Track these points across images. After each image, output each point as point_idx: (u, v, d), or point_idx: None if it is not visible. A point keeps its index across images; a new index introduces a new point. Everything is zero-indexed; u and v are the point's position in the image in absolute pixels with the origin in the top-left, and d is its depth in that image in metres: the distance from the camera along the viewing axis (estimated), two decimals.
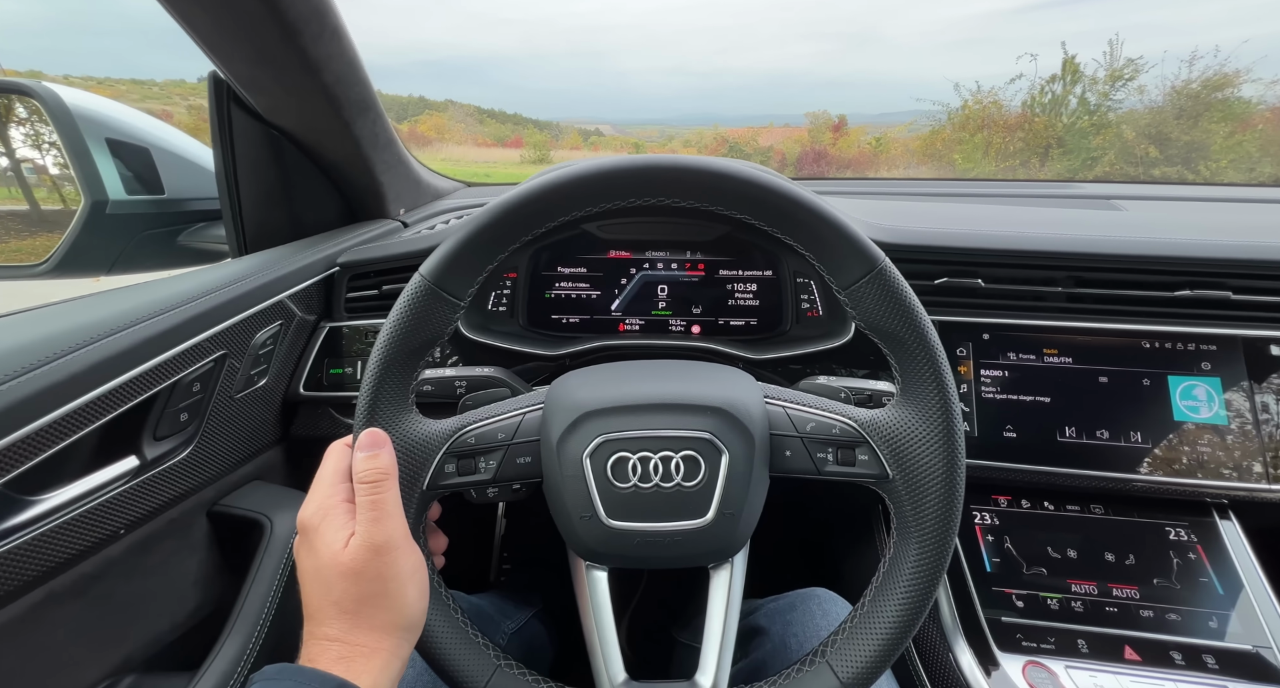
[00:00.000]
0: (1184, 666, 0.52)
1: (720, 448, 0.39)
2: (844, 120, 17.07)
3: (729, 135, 19.36)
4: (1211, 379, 0.60)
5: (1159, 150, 8.64)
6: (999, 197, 0.90)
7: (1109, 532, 0.61)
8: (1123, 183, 1.02)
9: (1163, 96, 8.85)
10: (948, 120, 10.84)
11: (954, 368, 0.64)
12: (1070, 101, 9.93)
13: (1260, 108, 8.46)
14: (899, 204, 0.82)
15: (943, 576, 0.38)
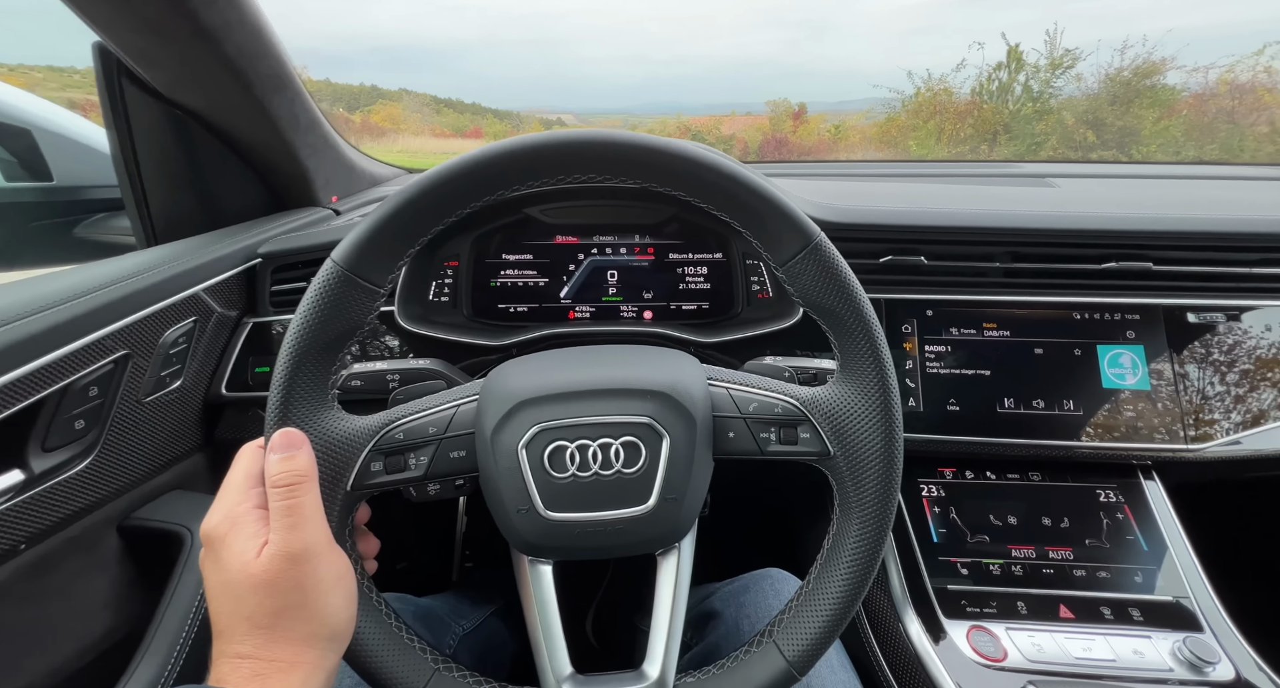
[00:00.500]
0: (1113, 620, 0.55)
1: (661, 432, 0.38)
2: (804, 108, 17.27)
3: (692, 124, 19.29)
4: (1136, 347, 0.63)
5: (1096, 135, 9.10)
6: (941, 177, 0.91)
7: (1046, 497, 0.63)
8: (1058, 163, 1.05)
9: (1098, 84, 9.32)
10: (902, 108, 11.12)
11: (899, 344, 0.66)
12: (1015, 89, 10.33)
13: (1184, 94, 9.00)
14: (846, 184, 0.83)
15: (883, 549, 0.38)
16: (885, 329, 0.67)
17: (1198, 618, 0.55)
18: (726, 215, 0.39)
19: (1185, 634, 0.53)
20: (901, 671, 0.55)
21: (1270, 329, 0.64)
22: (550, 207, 0.68)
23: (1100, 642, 0.53)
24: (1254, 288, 0.64)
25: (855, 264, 0.67)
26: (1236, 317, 0.63)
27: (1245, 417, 0.62)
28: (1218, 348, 0.63)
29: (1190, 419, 0.62)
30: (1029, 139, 9.77)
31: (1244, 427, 0.62)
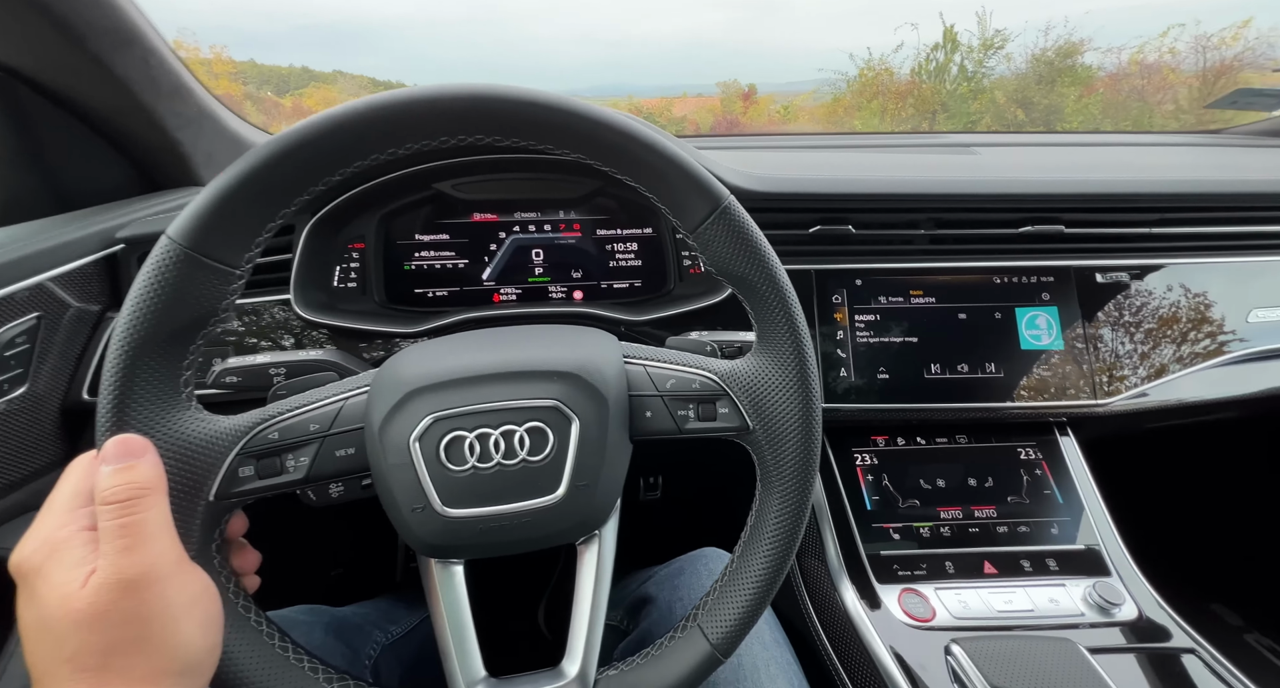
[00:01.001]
0: (1032, 572, 0.57)
1: (569, 416, 0.35)
2: (754, 89, 17.33)
3: (644, 106, 19.01)
4: (1050, 308, 0.65)
5: (1025, 113, 9.56)
6: (870, 147, 0.91)
7: (972, 459, 0.65)
8: (980, 133, 1.07)
9: (1026, 64, 9.75)
10: (847, 88, 11.33)
11: (831, 315, 0.65)
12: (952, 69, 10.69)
13: (1100, 74, 9.56)
14: (776, 155, 0.82)
15: (804, 522, 0.37)
16: (816, 300, 0.68)
17: (1106, 564, 0.58)
18: (630, 178, 0.37)
19: (1095, 579, 0.56)
20: (837, 638, 0.55)
21: (1171, 287, 0.67)
22: (462, 182, 0.63)
23: (1020, 594, 0.55)
24: (1154, 248, 0.67)
25: (786, 235, 0.68)
26: (1139, 276, 0.66)
27: (1149, 371, 0.66)
28: (1123, 306, 0.66)
29: (1101, 376, 0.65)
30: (965, 118, 10.18)
31: (1148, 380, 0.65)
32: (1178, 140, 0.99)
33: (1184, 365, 0.65)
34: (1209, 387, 0.67)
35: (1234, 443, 1.06)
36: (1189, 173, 0.68)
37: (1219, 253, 0.68)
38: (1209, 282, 0.67)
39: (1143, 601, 0.54)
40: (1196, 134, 1.06)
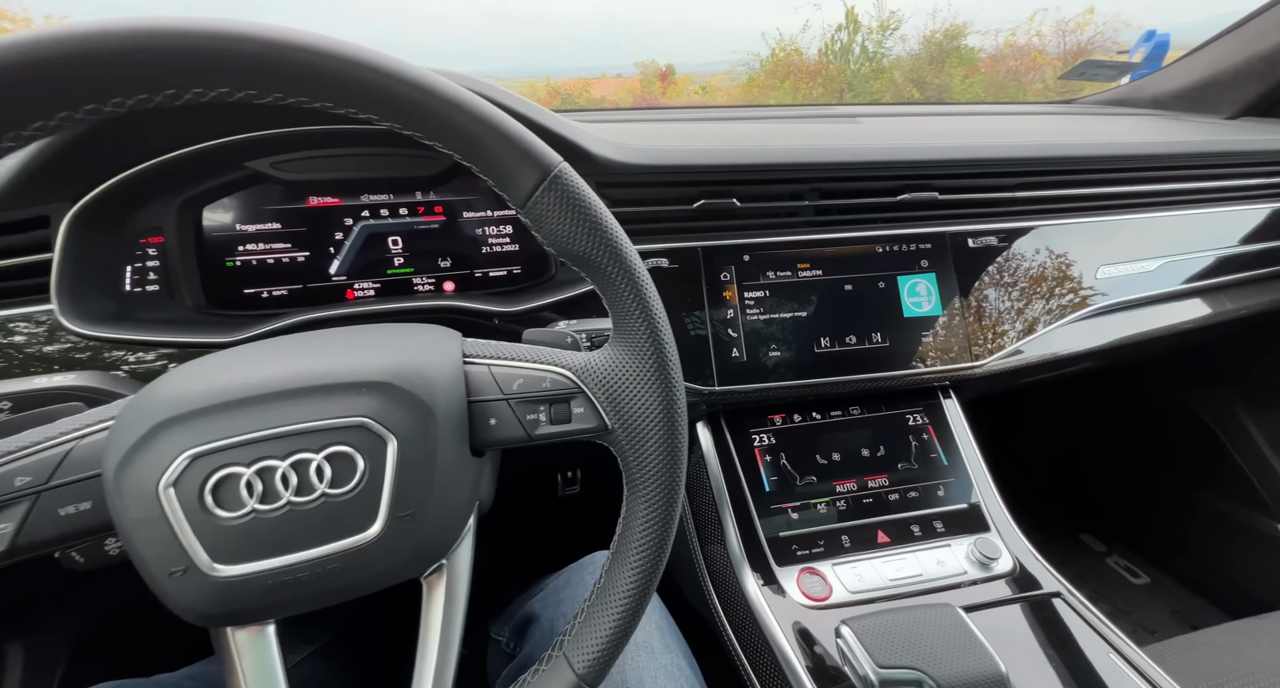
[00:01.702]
0: (921, 536, 0.58)
1: (383, 435, 0.29)
2: (671, 69, 17.23)
3: (562, 87, 18.43)
4: (929, 275, 0.66)
5: (920, 92, 10.22)
6: (757, 119, 0.90)
7: (865, 429, 0.65)
8: (865, 105, 1.09)
9: (918, 45, 10.38)
10: (761, 68, 11.57)
11: (720, 293, 0.62)
12: (855, 50, 11.16)
13: (981, 55, 10.37)
14: (660, 127, 0.77)
15: (673, 530, 0.34)
16: (705, 278, 0.65)
17: (986, 520, 0.60)
18: (442, 145, 0.30)
19: (976, 536, 0.58)
20: (740, 625, 0.53)
21: (1034, 249, 0.71)
22: (284, 159, 0.53)
23: (911, 559, 0.56)
24: (1018, 211, 0.70)
25: (670, 211, 0.63)
26: (1006, 239, 0.68)
27: (1018, 330, 0.69)
28: (993, 270, 0.68)
29: (976, 338, 0.67)
30: (868, 97, 10.73)
31: (1018, 339, 0.68)
32: (1036, 110, 1.05)
33: (1048, 323, 0.69)
34: (1070, 341, 0.71)
35: (1094, 389, 1.18)
36: (1043, 138, 0.71)
37: (1071, 214, 0.72)
38: (1065, 242, 0.71)
39: (1018, 551, 0.57)
40: (1052, 104, 1.14)
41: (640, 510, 0.33)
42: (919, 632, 0.42)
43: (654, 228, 0.62)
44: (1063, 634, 0.49)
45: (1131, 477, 1.16)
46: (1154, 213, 0.75)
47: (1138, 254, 0.73)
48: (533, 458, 0.93)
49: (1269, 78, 0.86)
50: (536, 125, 0.52)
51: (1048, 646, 0.48)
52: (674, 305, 0.61)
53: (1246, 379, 0.97)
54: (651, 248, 0.61)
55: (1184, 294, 0.77)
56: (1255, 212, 0.80)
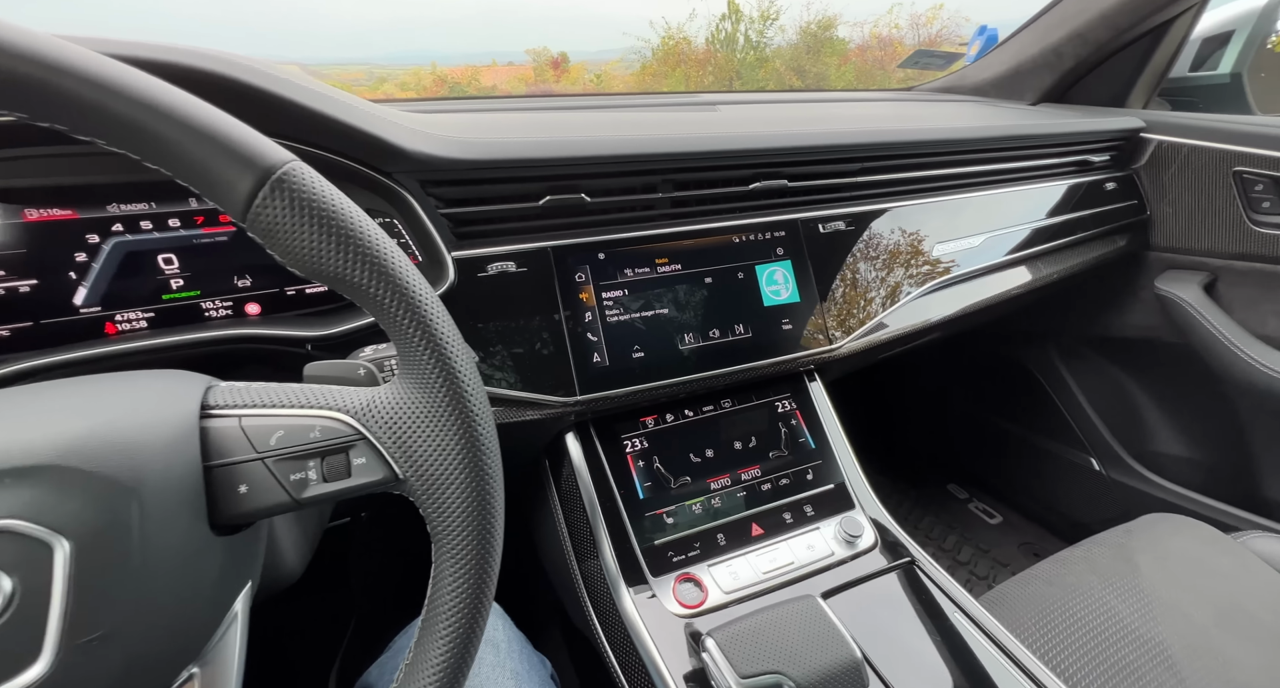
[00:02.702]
0: (793, 523, 0.59)
1: (46, 539, 0.22)
2: (565, 57, 16.83)
3: (449, 75, 17.43)
4: (784, 263, 0.66)
5: (800, 80, 10.83)
6: (613, 107, 0.86)
7: (737, 421, 0.65)
8: (723, 92, 1.09)
9: (796, 35, 11.00)
10: (653, 56, 11.63)
11: (576, 295, 0.58)
12: (739, 39, 11.57)
13: (851, 45, 11.19)
14: (501, 117, 0.71)
15: (491, 590, 0.29)
16: (559, 281, 0.60)
17: (851, 497, 0.62)
18: (133, 152, 0.23)
19: (842, 516, 0.60)
20: (618, 644, 0.51)
21: (881, 232, 0.74)
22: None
23: (783, 548, 0.56)
24: (862, 196, 0.73)
25: (514, 210, 0.58)
26: (853, 223, 0.71)
27: (871, 310, 0.72)
28: (844, 253, 0.70)
29: (833, 321, 0.69)
30: (755, 83, 11.20)
31: (871, 318, 0.71)
32: (880, 97, 1.12)
33: (895, 302, 0.73)
34: (917, 316, 0.76)
35: (945, 354, 1.30)
36: (879, 124, 0.75)
37: (908, 197, 0.76)
38: (905, 223, 0.75)
39: (880, 522, 0.60)
40: (894, 91, 1.22)
41: (448, 571, 0.28)
42: (780, 631, 0.41)
43: (497, 229, 0.57)
44: (914, 601, 0.52)
45: (982, 428, 1.30)
46: (977, 192, 0.82)
47: (965, 231, 0.80)
48: None
49: (1058, 67, 0.97)
50: (324, 118, 0.45)
51: (901, 615, 0.50)
52: (526, 312, 0.56)
53: (1062, 334, 1.12)
54: (496, 251, 0.56)
55: (1008, 264, 0.86)
56: (1056, 188, 0.91)
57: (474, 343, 0.54)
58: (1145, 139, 0.93)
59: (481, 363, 0.54)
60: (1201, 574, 0.67)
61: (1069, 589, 0.66)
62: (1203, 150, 0.86)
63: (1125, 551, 0.71)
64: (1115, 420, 1.05)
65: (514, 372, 0.55)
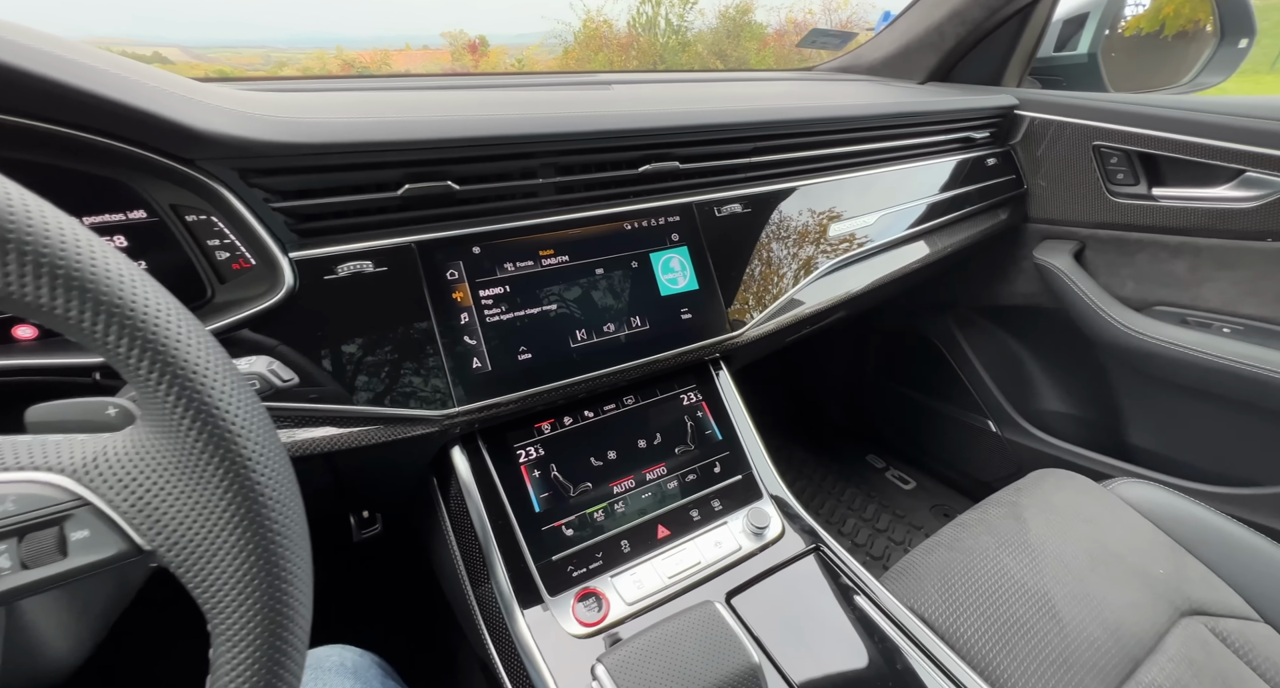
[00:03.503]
0: (700, 520, 0.57)
1: None
2: (483, 41, 16.01)
3: (357, 59, 16.19)
4: (680, 249, 0.63)
5: (722, 63, 10.93)
6: (500, 86, 0.80)
7: (641, 418, 0.62)
8: (619, 72, 1.05)
9: (716, 19, 11.08)
10: (575, 40, 11.34)
11: (448, 296, 0.52)
12: (660, 23, 11.49)
13: (769, 30, 11.41)
14: (369, 96, 0.63)
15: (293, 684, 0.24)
16: (426, 280, 0.54)
17: (759, 488, 0.61)
18: None
19: (750, 507, 0.58)
20: (514, 672, 0.47)
21: (780, 213, 0.73)
22: None
23: (690, 549, 0.54)
24: (758, 177, 0.71)
25: (368, 202, 0.51)
26: (750, 205, 0.69)
27: (773, 293, 0.70)
28: (742, 237, 0.68)
29: (735, 306, 0.67)
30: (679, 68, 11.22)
31: (773, 301, 0.70)
32: (779, 76, 1.12)
33: (796, 283, 0.72)
34: (820, 297, 0.75)
35: (855, 328, 1.34)
36: (772, 102, 0.73)
37: (804, 176, 0.75)
38: (803, 203, 0.74)
39: (784, 513, 0.59)
40: (793, 71, 1.22)
41: (225, 667, 0.23)
42: (675, 646, 0.38)
43: (350, 224, 0.50)
44: (819, 589, 0.51)
45: (894, 399, 1.36)
46: (870, 171, 0.83)
47: (862, 209, 0.80)
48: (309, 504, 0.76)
49: (940, 47, 1.00)
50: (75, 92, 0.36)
51: (806, 605, 0.50)
52: (390, 318, 0.49)
53: (957, 305, 1.18)
54: (348, 249, 0.49)
55: (904, 240, 0.88)
56: (944, 164, 0.94)
57: (325, 355, 0.47)
58: (1019, 116, 0.98)
59: (335, 377, 0.48)
60: (1079, 523, 0.72)
61: (967, 552, 0.69)
62: (1066, 126, 0.92)
63: (1016, 508, 0.75)
64: (1007, 384, 1.13)
65: (378, 386, 0.48)
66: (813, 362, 1.45)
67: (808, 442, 1.43)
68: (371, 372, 0.48)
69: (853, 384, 1.44)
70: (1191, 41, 1.20)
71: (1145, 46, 1.15)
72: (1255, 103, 0.78)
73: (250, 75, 0.74)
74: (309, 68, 19.29)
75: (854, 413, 1.46)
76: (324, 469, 0.54)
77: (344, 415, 0.49)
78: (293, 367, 0.46)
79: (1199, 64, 1.07)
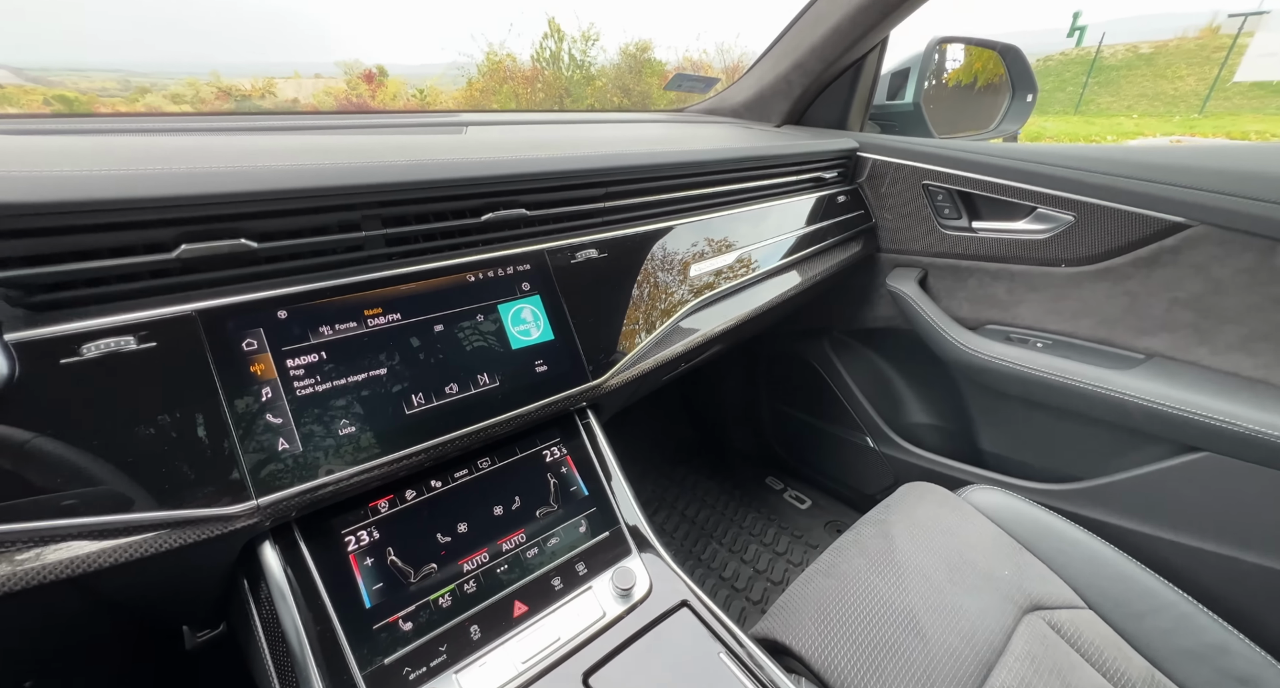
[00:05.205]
0: (563, 589, 0.53)
1: None
2: (382, 71, 15.46)
3: (236, 87, 15.15)
4: (533, 298, 0.61)
5: (625, 98, 11.33)
6: (346, 128, 0.74)
7: (498, 483, 0.57)
8: (477, 111, 1.03)
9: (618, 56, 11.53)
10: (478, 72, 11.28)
11: (244, 370, 0.45)
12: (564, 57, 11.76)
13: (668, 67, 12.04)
14: (142, 140, 0.55)
15: None
16: (212, 355, 0.46)
17: (628, 543, 0.58)
18: None
19: (616, 567, 0.55)
20: None
21: (640, 256, 0.73)
22: None
23: (549, 624, 0.50)
24: (614, 220, 0.70)
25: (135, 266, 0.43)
26: (606, 250, 0.68)
27: (637, 336, 0.70)
28: (599, 282, 0.67)
29: (596, 354, 0.65)
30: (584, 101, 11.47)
31: (636, 344, 0.69)
32: (647, 118, 1.15)
33: (661, 324, 0.72)
34: (685, 335, 0.76)
35: (742, 356, 1.38)
36: (627, 147, 0.74)
37: (662, 218, 0.76)
38: (663, 245, 0.75)
39: (654, 569, 0.56)
40: (664, 112, 1.27)
41: None
42: None
43: (109, 293, 0.42)
44: (682, 649, 0.49)
45: (786, 420, 1.41)
46: (729, 211, 0.86)
47: (724, 248, 0.83)
48: (90, 630, 0.62)
49: (789, 94, 1.08)
50: None
51: (669, 671, 0.47)
52: (159, 402, 0.42)
53: (831, 329, 1.25)
54: (101, 324, 0.41)
55: (766, 275, 0.91)
56: (802, 202, 1.00)
57: (68, 456, 0.39)
58: (863, 158, 1.07)
59: (87, 481, 0.39)
60: (937, 534, 0.76)
61: (842, 577, 0.70)
62: (901, 167, 1.02)
63: (884, 526, 0.79)
64: (879, 400, 1.20)
65: (143, 484, 0.40)
66: (710, 390, 1.48)
67: (711, 470, 1.44)
68: (140, 469, 0.40)
69: (749, 409, 1.48)
70: (998, 93, 1.40)
71: (960, 96, 1.32)
72: (1039, 149, 0.91)
73: (9, 113, 0.62)
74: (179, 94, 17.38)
75: (753, 436, 1.50)
76: (68, 595, 0.44)
77: (103, 528, 0.40)
78: (19, 472, 0.38)
79: (999, 113, 1.25)
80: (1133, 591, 0.71)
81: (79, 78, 27.10)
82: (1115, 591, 0.71)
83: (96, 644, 0.67)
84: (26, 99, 20.10)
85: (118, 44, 35.35)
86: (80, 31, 35.73)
